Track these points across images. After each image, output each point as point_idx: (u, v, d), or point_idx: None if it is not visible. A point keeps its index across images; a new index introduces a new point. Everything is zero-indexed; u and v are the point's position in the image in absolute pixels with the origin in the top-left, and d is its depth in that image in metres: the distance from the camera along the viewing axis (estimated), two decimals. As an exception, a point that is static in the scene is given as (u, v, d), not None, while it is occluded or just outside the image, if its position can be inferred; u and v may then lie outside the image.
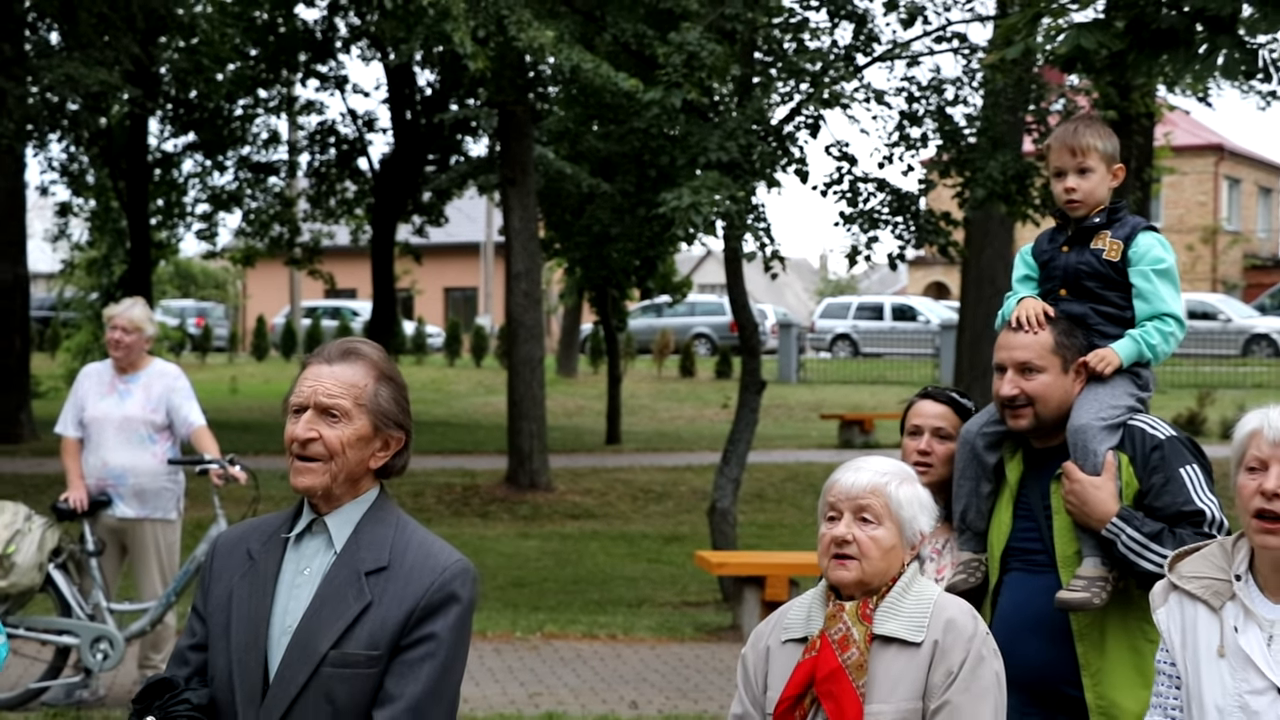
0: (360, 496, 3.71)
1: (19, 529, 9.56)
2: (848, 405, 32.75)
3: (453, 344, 45.67)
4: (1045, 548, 4.68)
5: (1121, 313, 4.80)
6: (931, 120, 17.17)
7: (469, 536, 18.52)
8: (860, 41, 17.19)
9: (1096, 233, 4.85)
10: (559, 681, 11.17)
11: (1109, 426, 4.64)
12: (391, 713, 3.54)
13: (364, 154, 30.94)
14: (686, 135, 14.91)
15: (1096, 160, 4.84)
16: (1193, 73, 10.04)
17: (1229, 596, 3.89)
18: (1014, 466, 4.81)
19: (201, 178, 31.42)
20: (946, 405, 5.16)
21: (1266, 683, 3.78)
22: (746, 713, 4.13)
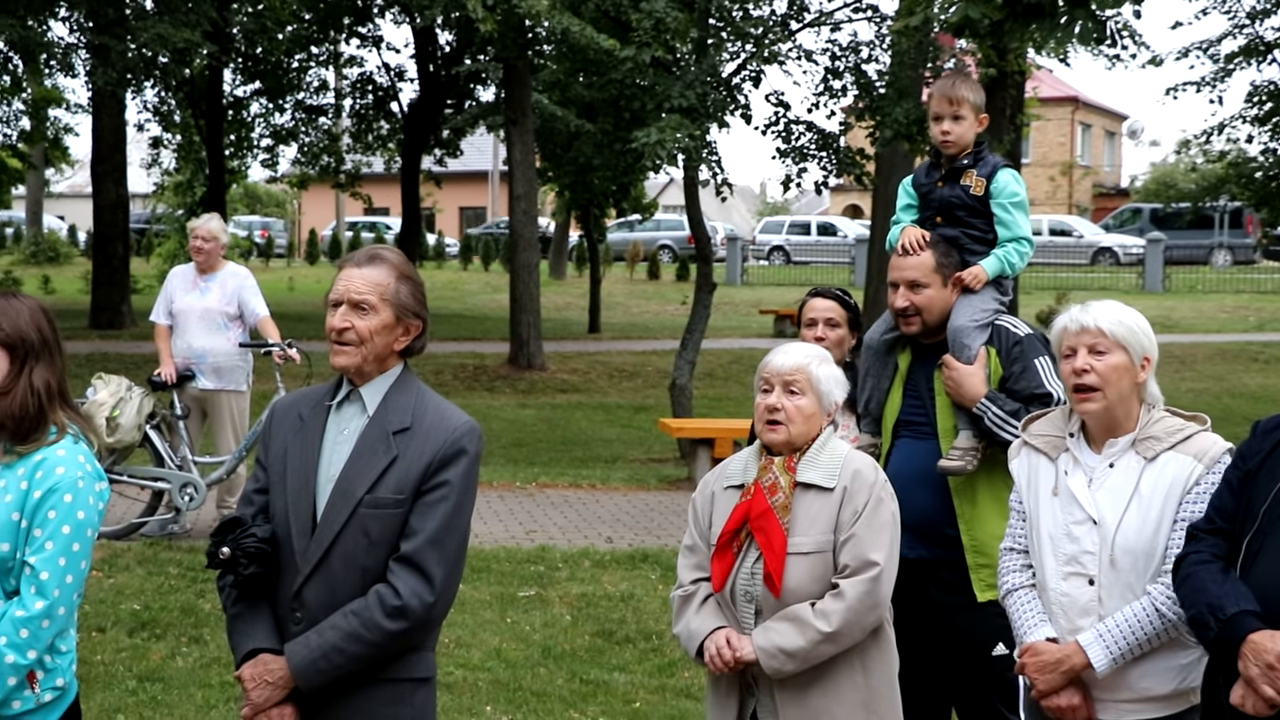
0: (388, 372, 3.68)
1: (122, 397, 9.55)
2: (781, 303, 32.66)
3: (466, 252, 45.45)
4: (929, 420, 4.70)
5: (985, 235, 4.82)
6: (850, 75, 17.10)
7: (478, 405, 18.53)
8: (794, 10, 17.10)
9: (965, 171, 4.84)
10: (550, 521, 11.20)
11: (980, 326, 4.66)
12: (415, 544, 3.53)
13: (395, 99, 30.63)
14: (654, 85, 14.82)
15: (968, 109, 4.83)
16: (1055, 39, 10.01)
17: (1063, 449, 3.95)
18: (904, 358, 4.83)
19: (265, 118, 31.10)
20: (833, 300, 5.20)
21: (1085, 515, 3.84)
22: (695, 544, 4.14)
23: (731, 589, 3.99)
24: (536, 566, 9.38)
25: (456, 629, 7.72)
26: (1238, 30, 24.04)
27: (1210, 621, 3.36)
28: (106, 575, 8.60)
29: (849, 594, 3.87)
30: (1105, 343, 3.84)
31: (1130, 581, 3.77)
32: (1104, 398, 3.84)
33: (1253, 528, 3.43)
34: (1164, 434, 3.85)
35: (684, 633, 4.05)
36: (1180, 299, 34.15)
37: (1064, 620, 3.86)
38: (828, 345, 5.01)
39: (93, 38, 22.36)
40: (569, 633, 7.91)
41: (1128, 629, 3.73)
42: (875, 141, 16.87)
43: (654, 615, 8.17)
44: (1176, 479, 3.77)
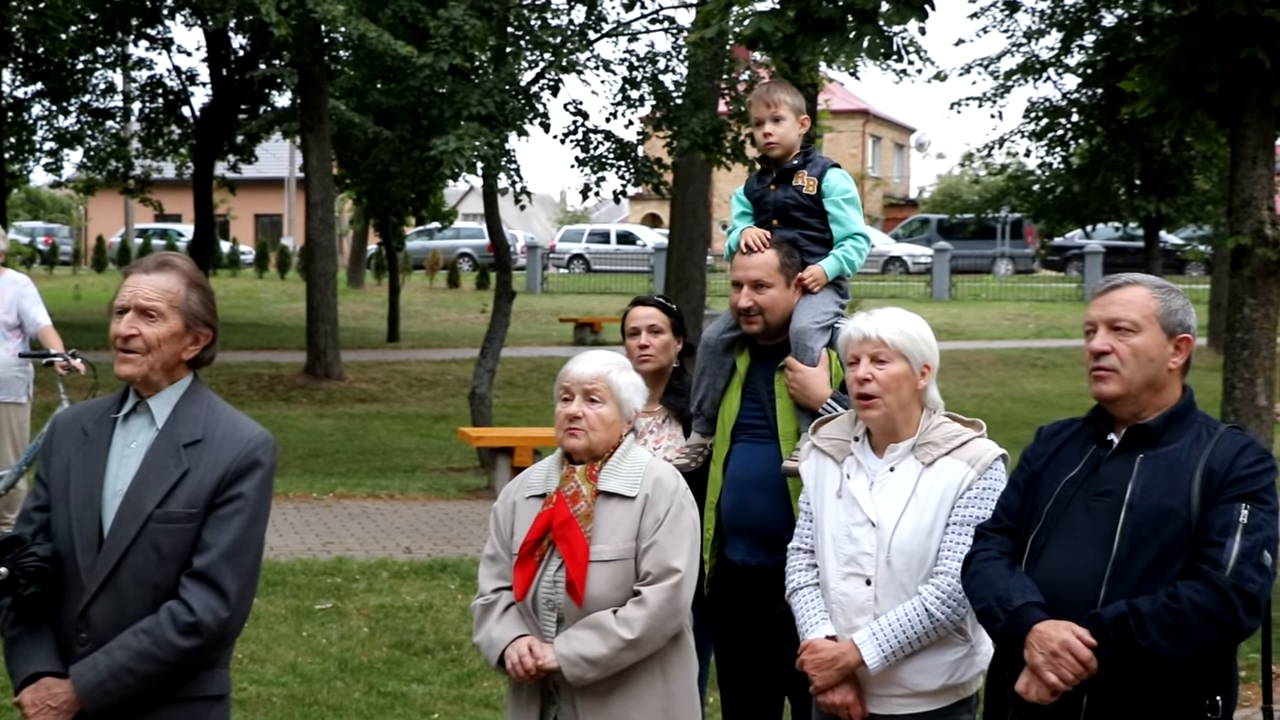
0: (177, 383, 3.60)
1: (-109, 410, 9.12)
2: (581, 311, 32.85)
3: (261, 260, 44.63)
4: (768, 423, 4.69)
5: (822, 235, 4.83)
6: (647, 85, 17.26)
7: (274, 416, 18.20)
8: (592, 20, 17.18)
9: (796, 172, 4.86)
10: (347, 533, 11.05)
11: (822, 328, 4.66)
12: (208, 559, 3.45)
13: (187, 103, 29.91)
14: (453, 93, 14.76)
15: (786, 111, 4.85)
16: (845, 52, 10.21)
17: (848, 453, 4.04)
18: (743, 360, 4.81)
19: (49, 120, 30.11)
20: (654, 307, 5.22)
21: (864, 517, 3.93)
22: (497, 553, 4.12)
23: (534, 597, 3.98)
24: (333, 578, 9.24)
25: (250, 644, 7.55)
26: (1016, 49, 24.99)
27: (998, 613, 3.47)
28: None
29: (651, 601, 3.90)
30: (886, 352, 3.93)
31: (904, 582, 3.88)
32: (884, 405, 3.94)
33: (1037, 525, 3.55)
34: (941, 440, 3.96)
35: (485, 641, 4.02)
36: (965, 307, 35.26)
37: (842, 619, 3.96)
38: (652, 351, 5.08)
39: None
40: (366, 645, 7.80)
41: (899, 628, 3.84)
42: (672, 151, 17.05)
43: (453, 625, 8.11)
44: (950, 483, 3.90)
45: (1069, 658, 3.31)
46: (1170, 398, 3.53)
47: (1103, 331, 3.52)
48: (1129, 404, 3.52)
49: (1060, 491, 3.54)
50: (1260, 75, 9.93)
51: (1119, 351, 3.48)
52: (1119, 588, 3.36)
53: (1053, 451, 3.65)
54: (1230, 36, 9.83)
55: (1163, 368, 3.50)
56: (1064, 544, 3.48)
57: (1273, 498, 3.39)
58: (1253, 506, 3.33)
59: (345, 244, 44.24)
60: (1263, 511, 3.34)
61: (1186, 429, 3.49)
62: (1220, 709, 3.37)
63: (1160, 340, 3.49)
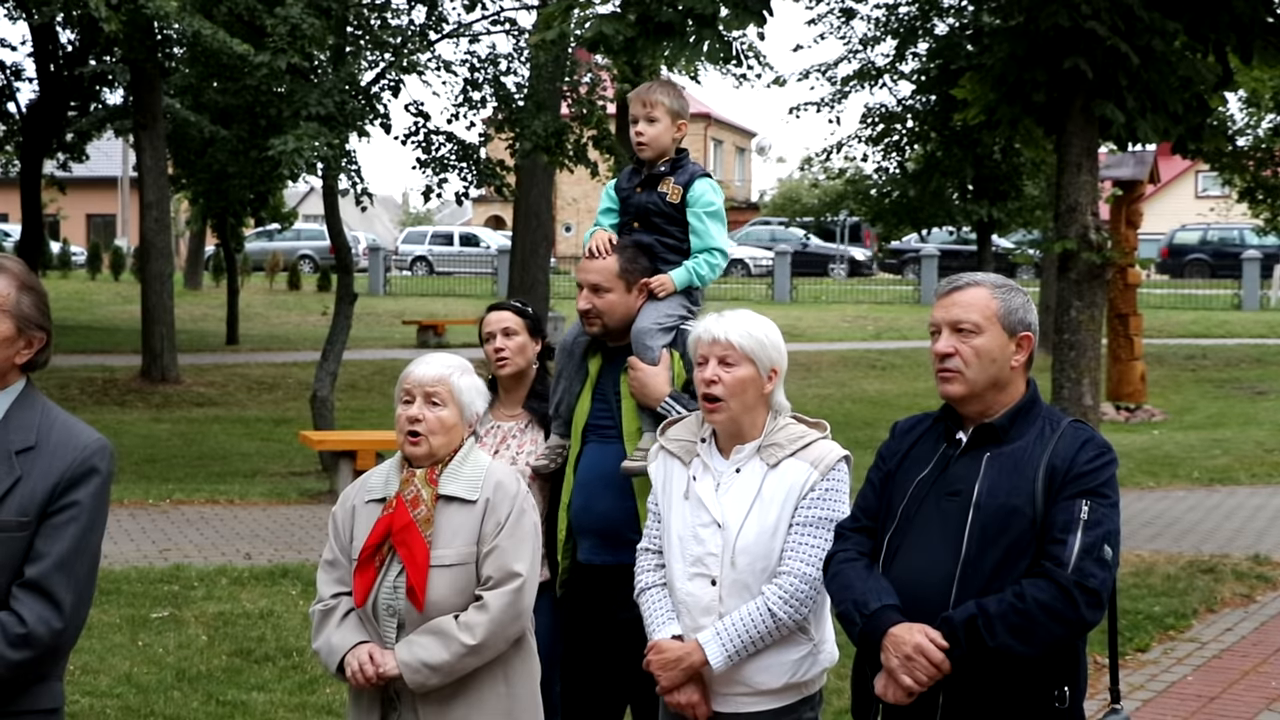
0: (9, 388, 3.49)
1: None
2: (425, 313, 32.64)
3: (94, 261, 43.48)
4: (615, 423, 4.70)
5: (680, 243, 4.83)
6: (489, 86, 17.26)
7: (109, 421, 17.76)
8: (433, 21, 17.13)
9: (662, 178, 4.84)
10: (185, 539, 10.85)
11: (663, 329, 4.67)
12: (41, 568, 3.35)
13: (13, 99, 29.02)
14: (291, 92, 14.58)
15: (662, 113, 4.81)
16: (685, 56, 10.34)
17: (695, 454, 4.08)
18: (595, 362, 4.82)
19: None
20: (507, 310, 5.22)
21: (710, 518, 3.97)
22: (336, 558, 4.09)
23: (374, 603, 3.95)
24: (170, 586, 9.07)
25: (84, 655, 7.37)
26: (852, 55, 25.47)
27: (855, 617, 3.53)
28: None
29: (492, 605, 3.89)
30: (734, 355, 3.97)
31: (748, 581, 3.93)
32: (729, 408, 3.97)
33: (893, 525, 3.61)
34: (786, 441, 4.01)
35: (324, 648, 3.99)
36: (806, 309, 35.80)
37: (688, 619, 3.99)
38: (508, 354, 5.07)
39: None
40: (205, 653, 7.67)
41: (742, 628, 3.89)
42: (515, 153, 17.07)
43: (294, 632, 8.01)
44: (794, 485, 3.95)
45: (922, 660, 3.39)
46: (1015, 394, 3.61)
47: (946, 333, 3.59)
48: (975, 403, 3.60)
49: (913, 491, 3.60)
50: (1083, 84, 10.29)
51: (962, 353, 3.55)
52: (969, 587, 3.44)
53: (906, 449, 3.71)
54: (1055, 47, 10.17)
55: (1005, 366, 3.58)
56: (917, 544, 3.55)
57: (1113, 491, 3.49)
58: (1093, 502, 3.42)
59: (182, 245, 43.39)
60: (1103, 506, 3.43)
61: (1031, 424, 3.57)
62: (1068, 699, 3.47)
63: (1002, 340, 3.57)
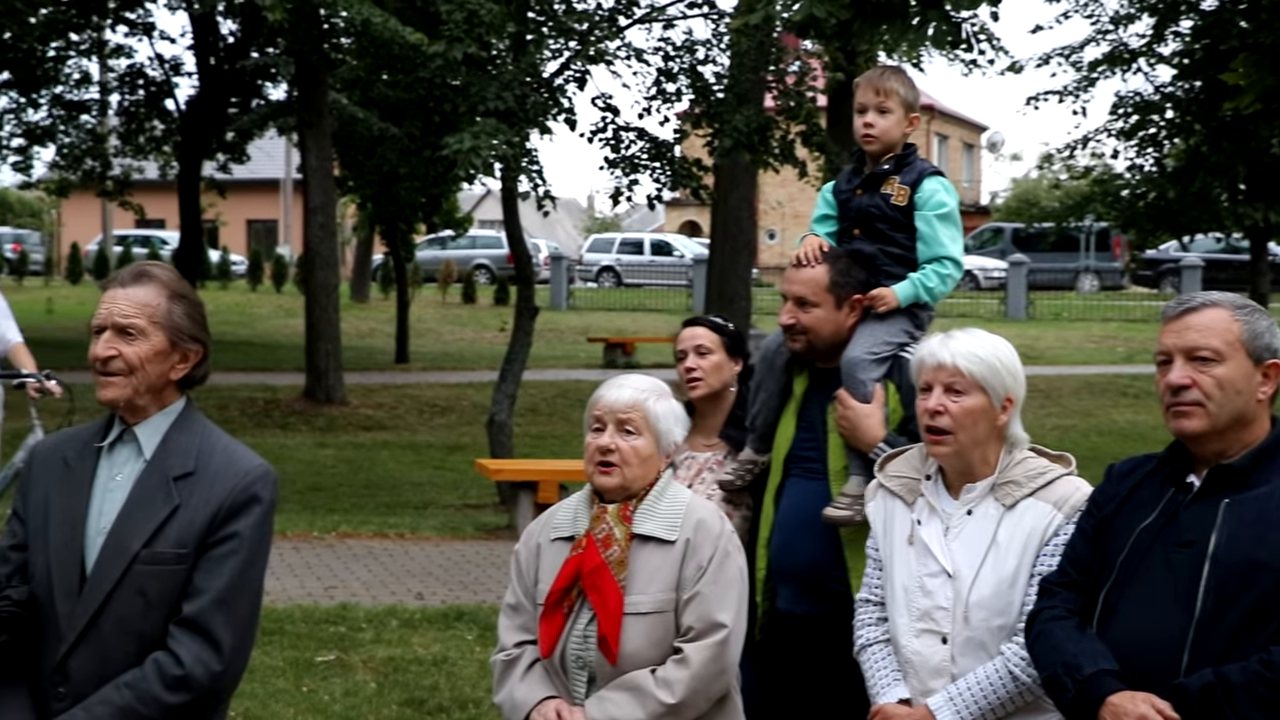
0: (167, 408, 3.62)
1: None
2: (611, 329, 32.89)
3: (255, 271, 44.86)
4: (820, 458, 4.66)
5: (908, 253, 4.73)
6: (685, 77, 17.29)
7: (270, 445, 18.24)
8: (622, 5, 17.22)
9: (886, 178, 4.75)
10: (352, 576, 11.09)
11: (878, 359, 4.59)
12: (199, 605, 3.47)
13: (171, 95, 30.16)
14: (467, 85, 14.78)
15: (896, 103, 4.74)
16: (907, 41, 10.24)
17: (919, 494, 4.02)
18: (800, 382, 4.77)
19: (16, 114, 30.37)
20: (702, 326, 5.19)
21: (939, 567, 3.91)
22: (520, 603, 4.12)
23: (561, 654, 3.98)
24: (337, 627, 9.28)
25: (245, 700, 7.59)
26: (1101, 36, 24.91)
27: (1067, 682, 3.45)
28: None
29: (694, 660, 3.89)
30: (962, 382, 3.91)
31: (984, 640, 3.86)
32: (956, 442, 3.91)
33: (1110, 580, 3.53)
34: (1024, 478, 3.92)
35: (507, 702, 4.03)
36: (1045, 328, 35.15)
37: (916, 680, 3.94)
38: (700, 374, 5.04)
39: None
40: (374, 702, 7.83)
41: (980, 692, 3.82)
42: (713, 151, 17.06)
43: (470, 681, 8.13)
44: (1035, 529, 3.86)
45: None
46: (1259, 432, 3.50)
47: (1180, 362, 3.50)
48: (1213, 442, 3.50)
49: (1134, 541, 3.51)
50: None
51: (1201, 384, 3.46)
52: (1204, 652, 3.33)
53: (1125, 494, 3.63)
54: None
55: (1251, 399, 3.48)
56: (1140, 602, 3.46)
57: None
58: None
59: (348, 253, 44.44)
60: None
61: (1277, 468, 3.46)
62: None
63: (1247, 369, 3.47)
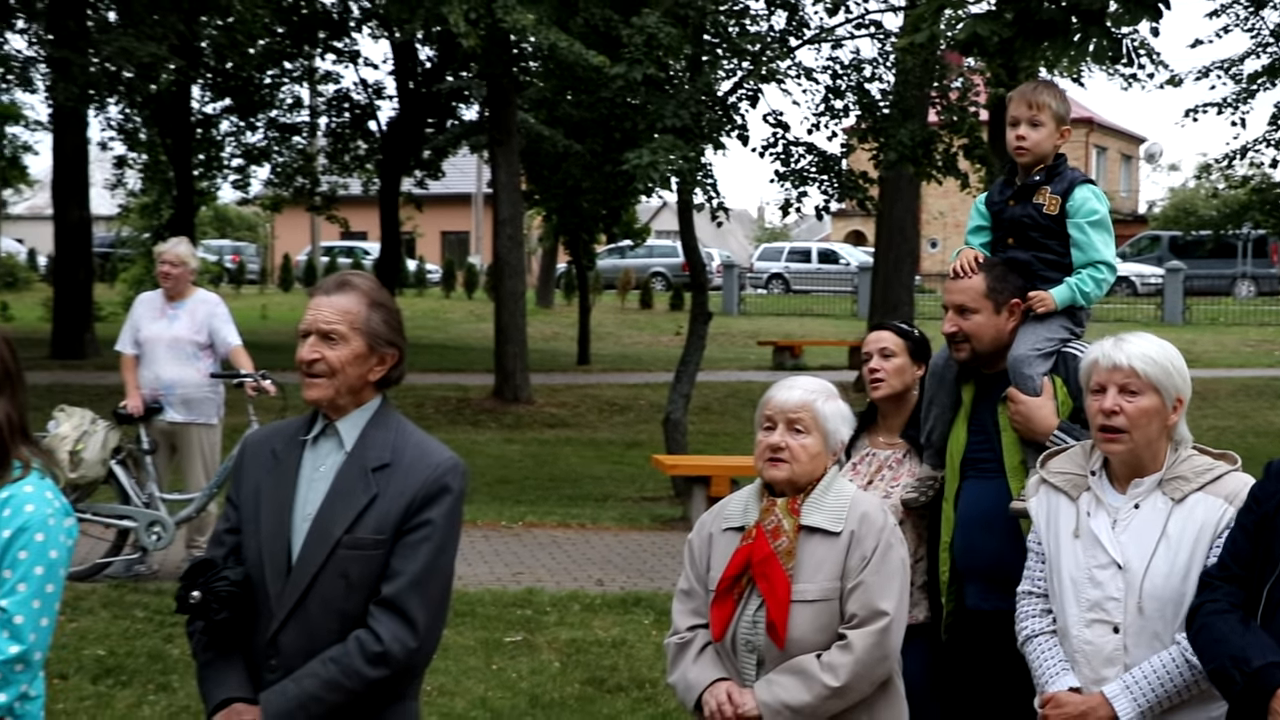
0: (365, 405, 3.68)
1: (86, 430, 9.53)
2: (780, 333, 32.74)
3: (448, 279, 45.42)
4: (995, 458, 4.62)
5: (1061, 259, 4.70)
6: (852, 94, 17.17)
7: (463, 441, 18.47)
8: (793, 26, 17.17)
9: (1037, 189, 4.72)
10: (537, 563, 11.18)
11: (1042, 355, 4.57)
12: (396, 587, 3.53)
13: (373, 117, 30.75)
14: (646, 104, 14.83)
15: (1048, 117, 4.70)
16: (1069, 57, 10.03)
17: (1085, 488, 3.95)
18: (968, 390, 4.75)
19: (236, 136, 31.20)
20: (888, 330, 5.18)
21: (1109, 558, 3.84)
22: (692, 589, 4.13)
23: (732, 638, 3.97)
24: (524, 610, 9.37)
25: (440, 676, 7.70)
26: (1261, 49, 24.20)
27: (1235, 675, 3.37)
28: (69, 619, 8.55)
29: (857, 646, 3.86)
30: (1137, 383, 3.84)
31: (1158, 630, 3.78)
32: (1131, 440, 3.85)
33: (1273, 575, 3.44)
34: (1192, 474, 3.85)
35: (681, 683, 4.03)
36: (1201, 332, 34.22)
37: (1087, 669, 3.86)
38: (884, 376, 5.02)
39: (53, 51, 22.42)
40: (558, 680, 7.88)
41: (1156, 680, 3.74)
42: (879, 164, 16.92)
43: (647, 663, 8.15)
44: (1207, 522, 3.78)
45: None
46: None
47: None
48: None
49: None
50: None
51: None
52: None
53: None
54: None
55: None
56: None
57: None
58: None
59: (534, 262, 44.86)
60: None
61: None
62: None
63: None
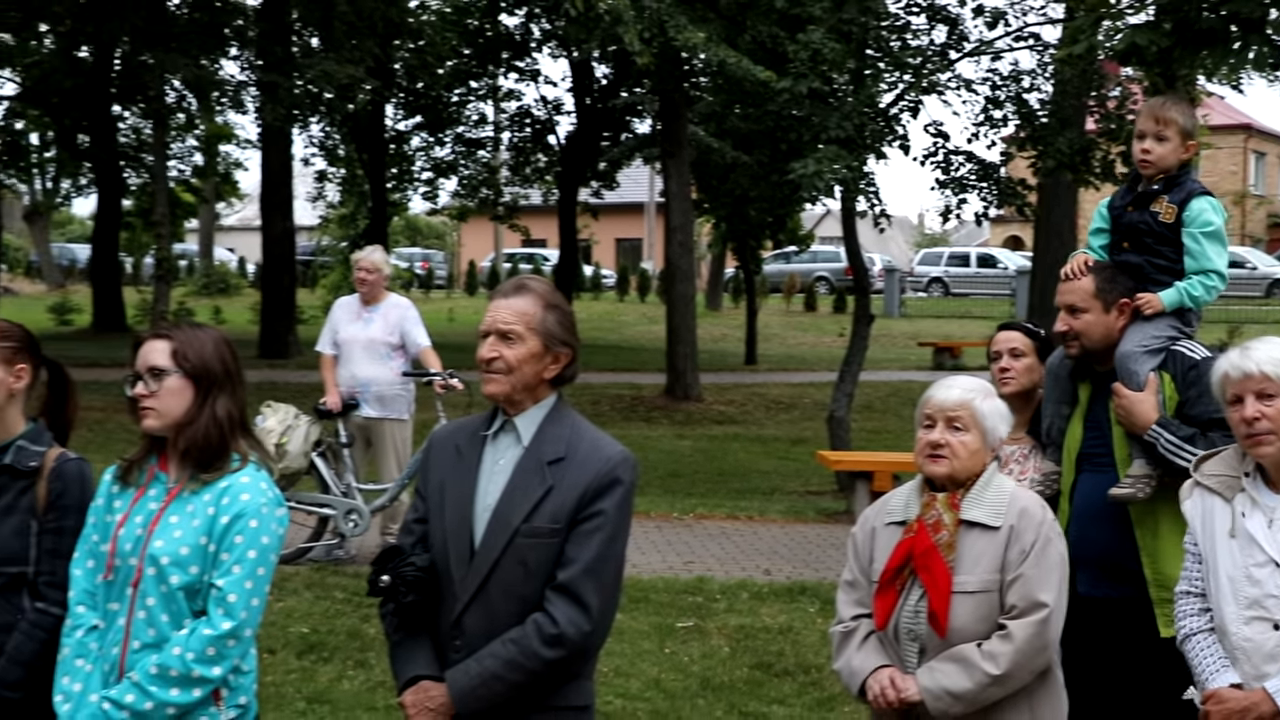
0: (541, 402, 3.70)
1: (290, 424, 9.74)
2: (940, 335, 32.35)
3: (622, 284, 45.79)
4: (1108, 452, 4.61)
5: (1173, 265, 4.67)
6: (1011, 104, 16.89)
7: (635, 436, 18.54)
8: (953, 40, 16.93)
9: (1156, 197, 4.69)
10: (707, 552, 11.17)
11: (1150, 351, 4.55)
12: (571, 573, 3.54)
13: (552, 132, 31.05)
14: (811, 116, 14.73)
15: (1174, 132, 4.68)
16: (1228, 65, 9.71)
17: (1239, 489, 3.87)
18: (1084, 388, 4.74)
19: (426, 151, 31.71)
20: (1017, 330, 5.17)
21: (1266, 557, 3.76)
22: (856, 579, 4.09)
23: (895, 627, 3.93)
24: (694, 597, 9.35)
25: (615, 658, 7.71)
26: None
27: None
28: (276, 598, 8.75)
29: (1017, 636, 3.80)
30: (1272, 386, 3.80)
31: None
32: (1278, 441, 3.79)
33: None
34: None
35: (845, 669, 4.00)
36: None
37: (1248, 666, 3.76)
38: (1013, 375, 5.00)
39: (262, 76, 23.07)
40: (727, 664, 7.85)
41: None
42: (1037, 172, 16.61)
43: (813, 649, 8.08)
44: None
45: None
46: None
47: None
48: None
49: None
50: None
51: None
52: None
53: None
54: None
55: None
56: None
57: None
58: None
59: (703, 267, 44.94)
60: None
61: None
62: None
63: None
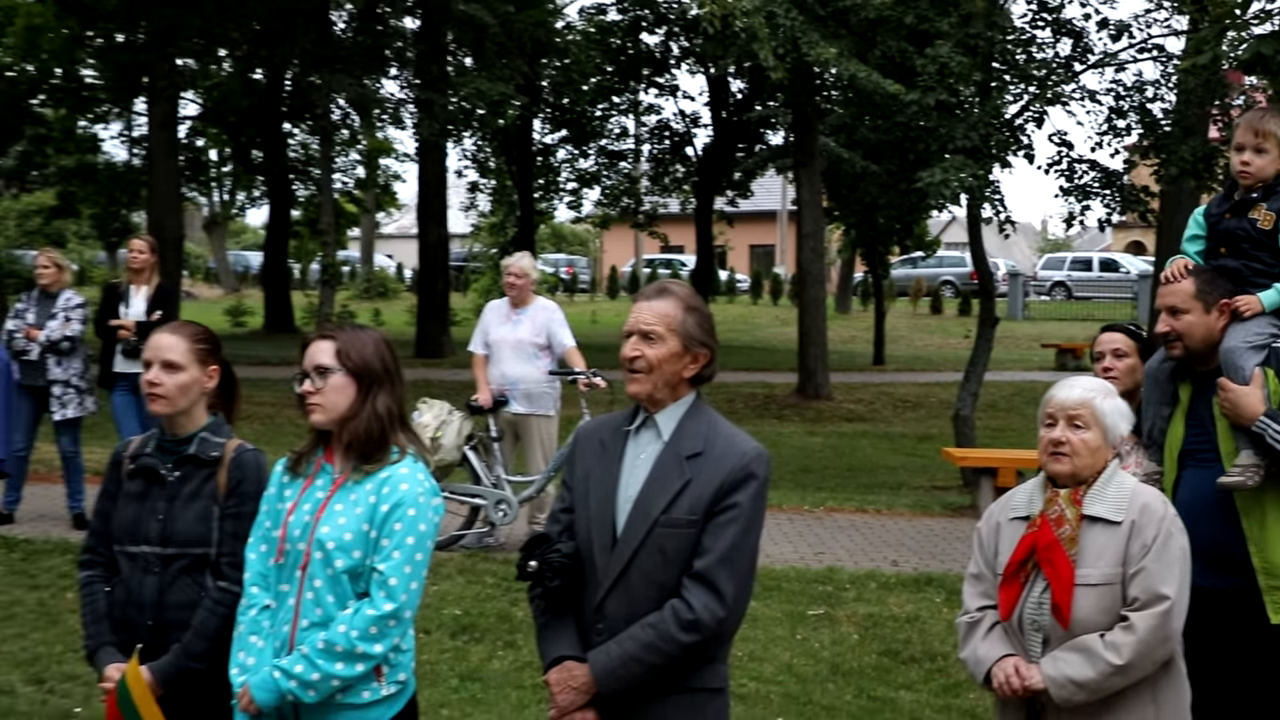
0: (680, 399, 3.71)
1: (444, 420, 9.90)
2: (1062, 337, 31.82)
3: (756, 288, 45.71)
4: (1212, 447, 4.52)
5: (1270, 269, 4.58)
6: (1134, 114, 16.55)
7: (768, 433, 18.52)
8: (1077, 53, 16.63)
9: (1254, 205, 4.60)
10: (837, 544, 11.12)
11: (1254, 347, 4.46)
12: (707, 562, 3.55)
13: (690, 144, 31.09)
14: (938, 127, 14.61)
15: (1273, 145, 4.58)
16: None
17: None
18: (1185, 388, 4.65)
19: (570, 163, 31.98)
20: (1118, 332, 5.10)
21: None
22: (981, 572, 4.05)
23: (1019, 618, 3.88)
24: (825, 586, 9.32)
25: (749, 643, 7.73)
26: None
27: None
28: (431, 582, 8.90)
29: (1139, 627, 3.73)
30: None
31: None
32: None
33: None
34: None
35: (971, 658, 3.96)
36: None
37: None
38: (1116, 375, 4.94)
39: (419, 94, 23.48)
40: (856, 651, 7.82)
41: None
42: (1160, 179, 16.25)
43: (939, 637, 8.01)
44: None
45: None
46: None
47: None
48: None
49: None
50: None
51: None
52: None
53: None
54: None
55: None
56: None
57: None
58: None
59: (833, 272, 44.67)
60: None
61: None
62: None
63: None
